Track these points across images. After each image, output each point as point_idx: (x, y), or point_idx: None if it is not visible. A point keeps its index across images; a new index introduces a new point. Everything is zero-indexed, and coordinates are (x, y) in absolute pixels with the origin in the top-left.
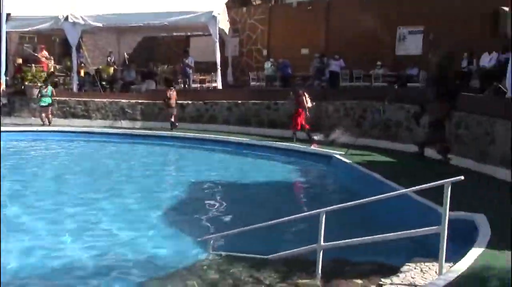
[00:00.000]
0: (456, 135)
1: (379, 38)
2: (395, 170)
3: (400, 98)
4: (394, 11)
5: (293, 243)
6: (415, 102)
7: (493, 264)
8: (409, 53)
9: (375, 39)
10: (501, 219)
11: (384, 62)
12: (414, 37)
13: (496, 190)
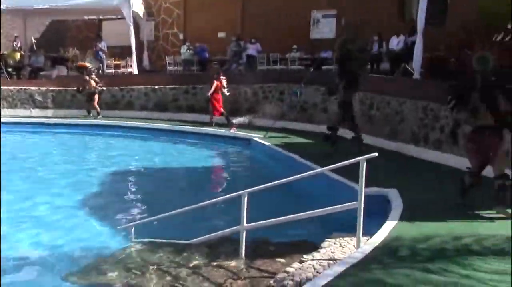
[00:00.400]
0: (368, 115)
1: (294, 22)
2: (312, 151)
3: (316, 80)
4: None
5: (217, 226)
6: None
7: (405, 235)
8: (323, 37)
9: (290, 23)
10: (411, 193)
11: (299, 45)
12: (327, 21)
13: (406, 165)
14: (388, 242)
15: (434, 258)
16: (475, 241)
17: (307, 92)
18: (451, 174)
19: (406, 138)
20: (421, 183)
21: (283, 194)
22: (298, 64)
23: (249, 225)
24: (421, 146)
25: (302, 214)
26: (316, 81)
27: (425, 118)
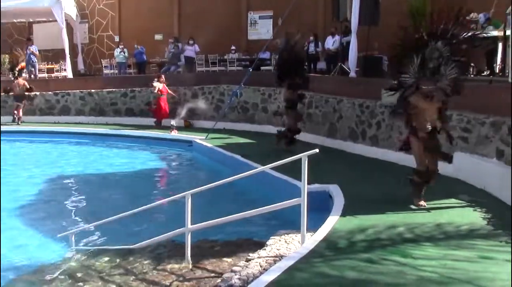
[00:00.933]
0: (308, 114)
1: (232, 23)
2: (255, 150)
3: (255, 81)
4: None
5: (161, 229)
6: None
7: (347, 228)
8: (261, 38)
9: (228, 24)
10: (352, 188)
11: (238, 46)
12: (264, 22)
13: (346, 161)
14: (331, 236)
15: (374, 248)
16: (409, 230)
17: (247, 92)
18: (388, 168)
19: (345, 135)
20: (360, 178)
21: (227, 194)
22: (237, 65)
23: (194, 226)
24: (359, 142)
25: (247, 213)
26: (256, 82)
27: (362, 115)
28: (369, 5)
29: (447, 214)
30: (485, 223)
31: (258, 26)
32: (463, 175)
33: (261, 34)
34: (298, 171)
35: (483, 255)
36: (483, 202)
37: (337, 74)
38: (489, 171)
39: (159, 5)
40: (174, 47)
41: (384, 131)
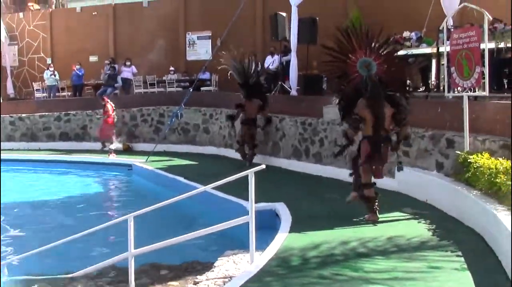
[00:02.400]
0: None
1: (170, 44)
2: (198, 171)
3: (196, 101)
4: (181, 16)
5: (103, 255)
6: (211, 105)
7: (296, 245)
8: (200, 58)
9: (166, 45)
10: (298, 205)
11: (176, 67)
12: (203, 42)
13: (291, 179)
14: (281, 253)
15: (326, 264)
16: (359, 244)
17: (187, 113)
18: (333, 185)
19: (288, 153)
20: (306, 195)
21: (172, 218)
22: (177, 86)
23: (138, 250)
24: (303, 160)
25: (192, 234)
26: (196, 102)
27: (305, 133)
28: (307, 25)
29: (394, 227)
30: (431, 234)
31: (197, 47)
32: (406, 189)
33: (200, 55)
34: (244, 190)
35: (432, 266)
36: (427, 214)
37: (278, 93)
38: (430, 183)
39: (94, 26)
40: (110, 69)
41: (327, 148)
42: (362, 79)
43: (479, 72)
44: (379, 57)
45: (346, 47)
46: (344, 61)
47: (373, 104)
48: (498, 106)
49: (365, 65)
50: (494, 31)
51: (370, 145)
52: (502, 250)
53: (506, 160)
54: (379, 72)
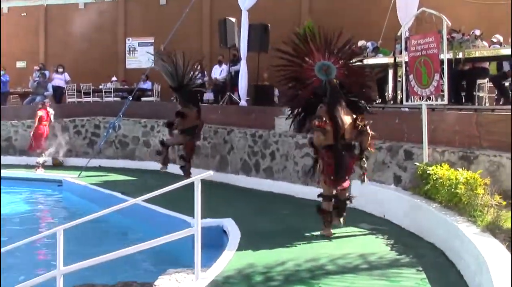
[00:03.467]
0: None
1: (108, 51)
2: (137, 187)
3: (136, 112)
4: (121, 20)
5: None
6: (152, 116)
7: (244, 262)
8: (141, 66)
9: (104, 52)
10: (247, 221)
11: (115, 75)
12: (145, 49)
13: (239, 196)
14: (227, 271)
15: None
16: (310, 262)
17: (126, 125)
18: (284, 201)
19: (237, 167)
20: (256, 212)
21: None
22: (115, 96)
23: (67, 267)
24: (253, 175)
25: (128, 249)
26: (136, 113)
27: (255, 146)
28: (258, 32)
29: (350, 243)
30: (389, 250)
31: (138, 54)
32: (362, 204)
33: (141, 63)
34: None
35: (392, 281)
36: (384, 229)
37: (226, 104)
38: (387, 197)
39: (23, 28)
40: (39, 76)
41: (279, 162)
42: (321, 84)
43: (438, 80)
44: (339, 60)
45: (302, 50)
46: (299, 65)
47: (333, 110)
48: (457, 117)
49: (324, 69)
50: (452, 41)
51: (331, 154)
52: (464, 263)
53: (466, 171)
54: (339, 76)
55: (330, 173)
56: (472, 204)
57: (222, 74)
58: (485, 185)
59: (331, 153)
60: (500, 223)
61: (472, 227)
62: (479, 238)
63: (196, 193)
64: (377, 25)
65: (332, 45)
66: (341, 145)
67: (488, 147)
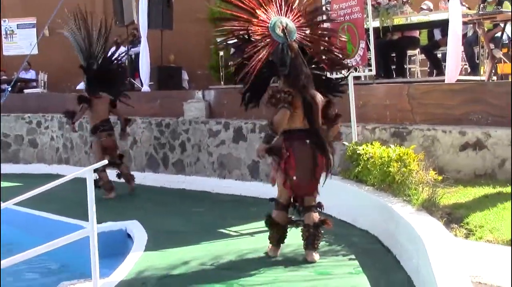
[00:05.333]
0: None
1: None
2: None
3: (18, 106)
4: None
5: None
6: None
7: (151, 266)
8: (23, 53)
9: None
10: (155, 222)
11: None
12: (25, 32)
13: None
14: (132, 277)
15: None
16: (237, 257)
17: (6, 121)
18: (198, 197)
19: (142, 164)
20: (166, 210)
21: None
22: None
23: None
24: (161, 171)
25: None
26: (19, 107)
27: (162, 137)
28: (159, 5)
29: None
30: None
31: (17, 38)
32: None
33: (22, 48)
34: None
35: (321, 272)
36: None
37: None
38: None
39: None
40: None
41: (191, 154)
42: (277, 48)
43: (364, 48)
44: (300, 17)
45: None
46: (247, 20)
47: (297, 83)
48: (387, 90)
49: (282, 28)
50: (377, 7)
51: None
52: (400, 246)
53: (398, 147)
54: (300, 39)
55: (293, 171)
56: (406, 182)
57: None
58: (419, 161)
59: (299, 142)
60: (436, 200)
61: (407, 207)
62: (415, 218)
63: (89, 188)
64: None
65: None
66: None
67: (422, 121)
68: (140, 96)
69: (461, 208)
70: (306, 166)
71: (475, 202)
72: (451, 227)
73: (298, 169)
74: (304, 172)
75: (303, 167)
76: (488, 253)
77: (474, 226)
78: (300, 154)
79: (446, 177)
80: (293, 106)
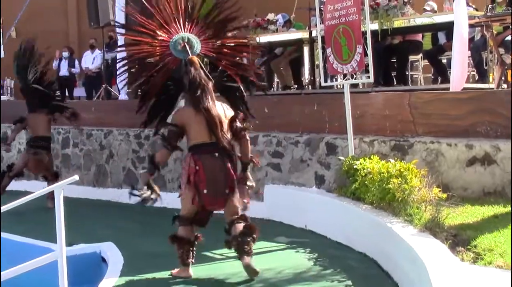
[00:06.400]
0: (64, 155)
1: None
2: None
3: None
4: None
5: None
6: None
7: None
8: None
9: None
10: (132, 243)
11: None
12: None
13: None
14: None
15: None
16: (220, 283)
17: None
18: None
19: (119, 180)
20: (143, 231)
21: None
22: None
23: None
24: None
25: None
26: None
27: (141, 150)
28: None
29: (263, 259)
30: (312, 264)
31: None
32: (278, 214)
33: None
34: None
35: None
36: (306, 242)
37: (102, 99)
38: (308, 203)
39: None
40: None
41: (173, 168)
42: (180, 65)
43: (361, 53)
44: (206, 30)
45: (152, 21)
46: (147, 43)
47: (193, 96)
48: (386, 99)
49: (182, 45)
50: (376, 8)
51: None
52: (400, 271)
53: (399, 161)
54: (205, 52)
55: (203, 184)
56: (408, 200)
57: (95, 63)
58: (422, 177)
59: (207, 155)
60: (440, 221)
61: (409, 228)
62: (417, 240)
63: (58, 207)
64: None
65: (192, 9)
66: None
67: (425, 133)
68: (117, 105)
69: (468, 229)
70: (217, 179)
71: (483, 223)
72: (457, 251)
73: (209, 183)
74: (216, 186)
75: (214, 180)
76: (498, 280)
77: (482, 250)
78: (209, 166)
79: (452, 195)
80: (195, 121)
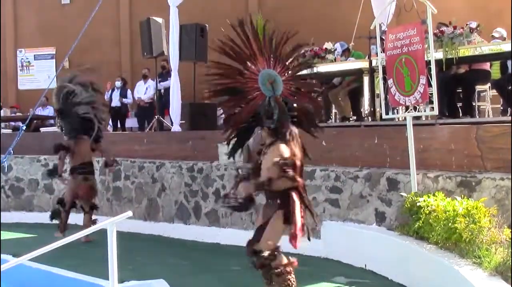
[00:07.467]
0: (115, 188)
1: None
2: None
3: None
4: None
5: None
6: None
7: None
8: (39, 87)
9: None
10: (183, 281)
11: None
12: (43, 64)
13: (174, 250)
14: None
15: None
16: None
17: (19, 164)
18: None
19: (171, 214)
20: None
21: None
22: (4, 127)
23: None
24: (192, 223)
25: None
26: (33, 149)
27: (193, 183)
28: (192, 34)
29: None
30: None
31: (34, 70)
32: (336, 252)
33: (39, 82)
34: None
35: None
36: (367, 283)
37: (154, 130)
38: (368, 242)
39: None
40: None
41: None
42: (264, 101)
43: (424, 84)
44: (286, 71)
45: (242, 52)
46: (239, 72)
47: (284, 136)
48: (452, 132)
49: (270, 81)
50: (441, 37)
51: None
52: None
53: (466, 199)
54: (286, 94)
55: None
56: (476, 241)
57: (148, 93)
58: (492, 216)
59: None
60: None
61: (478, 271)
62: (486, 284)
63: (110, 243)
64: (349, 23)
65: (279, 48)
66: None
67: (494, 169)
68: (170, 137)
69: None
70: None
71: None
72: None
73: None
74: None
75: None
76: None
77: None
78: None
79: None
80: None
